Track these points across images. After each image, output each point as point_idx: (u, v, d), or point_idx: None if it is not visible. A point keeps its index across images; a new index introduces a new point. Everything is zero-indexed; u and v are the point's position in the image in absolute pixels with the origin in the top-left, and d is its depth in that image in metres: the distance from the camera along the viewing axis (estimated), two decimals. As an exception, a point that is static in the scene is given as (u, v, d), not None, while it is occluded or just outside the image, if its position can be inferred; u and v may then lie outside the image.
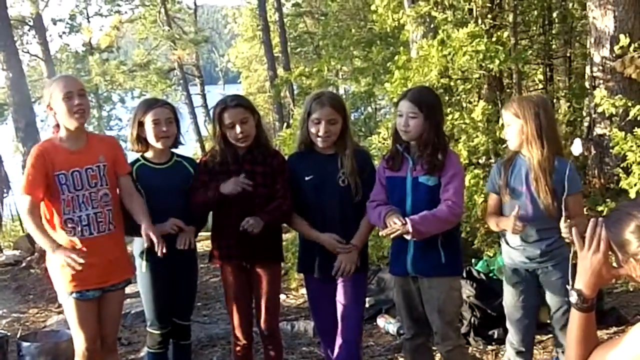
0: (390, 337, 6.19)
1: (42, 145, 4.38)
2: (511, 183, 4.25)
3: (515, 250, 4.29)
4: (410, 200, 4.23)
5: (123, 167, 4.47)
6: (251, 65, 29.32)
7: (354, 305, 4.53)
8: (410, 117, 4.22)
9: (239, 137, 4.47)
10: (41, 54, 18.56)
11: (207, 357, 6.06)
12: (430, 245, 4.20)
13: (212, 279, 8.68)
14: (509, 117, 4.23)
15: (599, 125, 8.39)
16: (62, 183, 4.21)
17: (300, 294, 7.85)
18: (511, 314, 4.41)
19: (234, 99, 4.65)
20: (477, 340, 5.80)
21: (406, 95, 4.35)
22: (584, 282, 2.60)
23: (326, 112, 4.36)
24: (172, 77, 29.40)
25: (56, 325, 6.94)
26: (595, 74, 8.46)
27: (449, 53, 7.65)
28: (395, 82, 7.84)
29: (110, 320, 4.46)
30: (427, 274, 4.28)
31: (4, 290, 9.07)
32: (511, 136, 4.24)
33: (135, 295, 4.79)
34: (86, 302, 4.30)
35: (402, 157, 4.31)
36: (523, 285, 4.32)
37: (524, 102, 4.28)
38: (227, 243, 4.60)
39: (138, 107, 4.80)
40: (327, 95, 4.49)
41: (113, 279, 4.39)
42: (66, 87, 4.20)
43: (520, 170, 4.24)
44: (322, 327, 4.75)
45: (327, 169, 4.44)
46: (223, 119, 4.49)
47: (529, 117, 4.14)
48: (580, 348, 2.64)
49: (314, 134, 4.40)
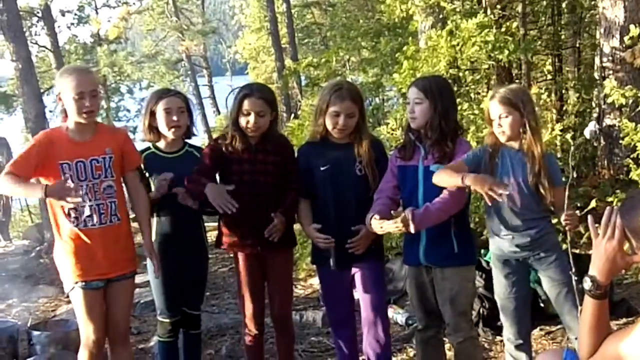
0: (399, 327, 6.19)
1: (49, 133, 4.39)
2: (498, 175, 4.13)
3: (504, 240, 4.22)
4: (422, 189, 4.20)
5: (131, 161, 4.43)
6: (258, 56, 29.23)
7: (379, 296, 4.53)
8: (416, 103, 4.20)
9: (250, 127, 4.46)
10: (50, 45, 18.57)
11: (216, 346, 6.07)
12: (443, 235, 4.17)
13: (220, 268, 8.70)
14: (502, 108, 4.11)
15: (608, 116, 8.37)
16: (65, 173, 4.18)
17: (309, 284, 7.87)
18: (505, 306, 4.34)
19: (260, 89, 4.59)
20: (486, 330, 5.80)
21: (414, 82, 4.33)
22: (598, 268, 2.60)
23: (346, 106, 4.33)
24: (179, 68, 29.41)
25: (66, 314, 6.96)
26: (604, 64, 8.43)
27: (458, 43, 7.64)
28: (403, 72, 7.84)
29: (117, 311, 4.43)
30: (439, 264, 4.25)
31: (14, 279, 9.09)
32: (507, 128, 4.11)
33: (144, 285, 4.80)
34: (91, 291, 4.29)
35: (414, 146, 4.28)
36: (515, 275, 4.27)
37: (518, 92, 4.20)
38: (240, 232, 4.58)
39: (150, 97, 4.82)
40: (347, 88, 4.43)
41: (117, 270, 4.36)
42: (79, 86, 4.13)
43: (506, 162, 4.15)
44: (336, 319, 4.72)
45: (343, 159, 4.41)
46: (242, 104, 4.47)
47: (528, 108, 4.10)
48: (593, 336, 2.64)
49: (331, 125, 4.37)
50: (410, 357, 5.52)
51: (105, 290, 4.36)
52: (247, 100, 4.46)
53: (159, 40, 29.29)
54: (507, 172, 4.15)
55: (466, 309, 4.39)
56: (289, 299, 4.87)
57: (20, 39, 11.25)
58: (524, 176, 4.11)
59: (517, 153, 4.15)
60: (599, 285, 2.61)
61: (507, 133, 4.13)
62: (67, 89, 4.16)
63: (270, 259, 4.63)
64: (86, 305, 4.30)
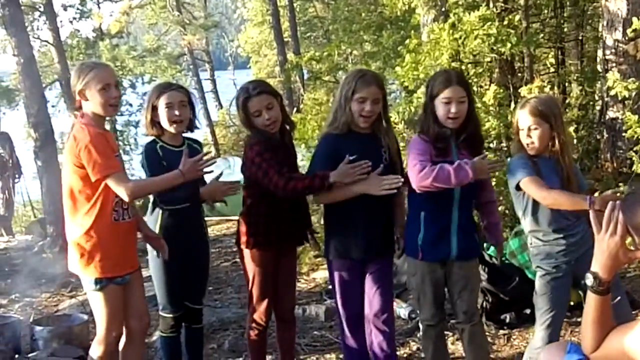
0: (402, 321, 6.19)
1: (95, 128, 4.16)
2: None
3: (558, 245, 4.17)
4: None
5: None
6: (261, 50, 29.22)
7: (388, 290, 4.53)
8: (459, 102, 4.17)
9: (268, 124, 4.42)
10: (52, 40, 18.48)
11: (218, 341, 6.08)
12: (470, 228, 4.27)
13: (223, 263, 8.71)
14: (532, 120, 4.11)
15: (611, 109, 8.35)
16: None
17: (312, 278, 7.88)
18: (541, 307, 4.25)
19: (255, 86, 4.53)
20: (489, 324, 5.80)
21: (451, 80, 4.22)
22: (600, 264, 2.60)
23: (373, 91, 4.25)
24: (182, 62, 29.36)
25: (68, 309, 6.99)
26: (607, 57, 8.40)
27: (460, 37, 7.60)
28: (406, 66, 7.80)
29: (141, 303, 4.44)
30: (468, 257, 4.33)
31: (16, 274, 9.11)
32: (537, 140, 4.11)
33: (146, 280, 4.78)
34: (118, 287, 4.26)
35: (447, 142, 4.25)
36: (559, 280, 4.21)
37: (548, 103, 4.19)
38: (257, 230, 4.56)
39: (152, 91, 4.79)
40: (371, 74, 4.40)
41: (134, 265, 4.37)
42: (104, 79, 4.12)
43: (543, 170, 4.15)
44: (351, 313, 4.55)
45: (370, 148, 4.33)
46: (248, 108, 4.44)
47: (558, 120, 4.12)
48: (596, 331, 2.64)
49: (357, 112, 4.26)
50: (413, 351, 5.53)
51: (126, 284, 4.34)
52: (250, 103, 4.43)
53: (161, 35, 29.20)
54: (550, 182, 4.12)
55: (478, 295, 4.61)
56: (294, 290, 4.89)
57: (22, 33, 11.23)
58: (556, 184, 4.09)
59: (549, 161, 4.17)
60: (601, 281, 2.61)
61: (536, 145, 4.14)
62: (92, 82, 4.09)
63: (281, 254, 4.65)
64: (113, 301, 4.25)
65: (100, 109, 4.14)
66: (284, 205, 4.45)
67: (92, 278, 4.21)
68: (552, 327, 4.23)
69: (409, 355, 5.49)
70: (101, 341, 4.32)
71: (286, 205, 4.45)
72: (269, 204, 4.46)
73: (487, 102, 7.38)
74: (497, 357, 5.32)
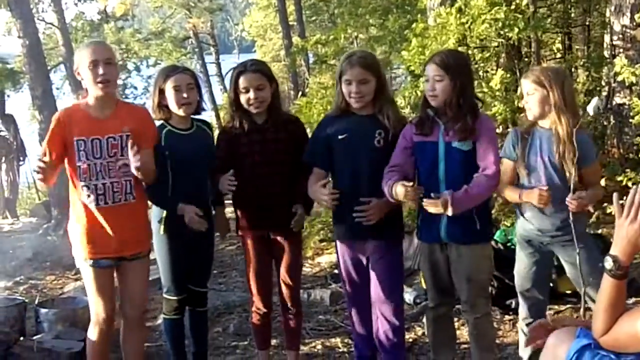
0: (407, 305, 6.18)
1: (66, 110, 4.36)
2: (527, 154, 4.20)
3: (530, 223, 4.25)
4: (442, 166, 4.13)
5: (147, 140, 4.32)
6: (266, 33, 29.15)
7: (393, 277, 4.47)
8: (436, 81, 4.13)
9: (251, 102, 4.42)
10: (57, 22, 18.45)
11: (223, 324, 6.09)
12: (466, 212, 4.09)
13: (228, 247, 8.70)
14: (530, 86, 4.16)
15: (618, 95, 8.30)
16: (80, 149, 4.17)
17: (317, 262, 7.88)
18: (521, 284, 4.38)
19: (253, 63, 4.58)
20: (495, 310, 5.78)
21: (432, 58, 4.24)
22: (620, 249, 2.58)
23: (356, 72, 4.24)
24: (187, 45, 29.30)
25: (73, 291, 6.99)
26: (615, 42, 8.34)
27: (467, 21, 7.56)
28: (412, 50, 7.76)
29: (132, 290, 4.43)
30: (461, 241, 4.21)
31: (21, 257, 9.12)
32: (532, 105, 4.17)
33: (151, 263, 4.78)
34: (100, 269, 4.29)
35: (432, 121, 4.21)
36: (536, 256, 4.30)
37: (548, 71, 4.22)
38: (248, 213, 4.59)
39: (158, 75, 4.78)
40: (358, 55, 4.36)
41: (130, 249, 4.34)
42: (92, 55, 4.13)
43: (536, 141, 4.20)
44: (353, 296, 4.60)
45: (362, 129, 4.32)
46: (239, 82, 4.45)
47: (555, 87, 4.08)
48: (609, 315, 2.63)
49: (347, 93, 4.29)
50: (418, 336, 5.52)
51: (119, 268, 4.36)
52: (243, 77, 4.44)
53: (166, 18, 29.13)
54: (535, 151, 4.19)
55: (484, 286, 4.40)
56: (297, 281, 4.86)
57: (27, 15, 11.23)
58: (550, 155, 4.11)
59: (547, 132, 4.17)
60: (620, 265, 2.59)
61: (533, 110, 4.18)
62: (83, 60, 4.16)
63: (279, 240, 4.63)
64: (96, 283, 4.30)
65: (91, 87, 4.18)
66: (272, 188, 4.46)
67: (77, 259, 4.35)
68: (535, 302, 4.35)
69: (414, 340, 5.48)
70: (94, 322, 4.40)
71: (251, 189, 4.45)
72: (255, 187, 4.48)
73: (494, 87, 7.34)
74: (503, 343, 5.31)
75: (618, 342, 2.63)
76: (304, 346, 5.35)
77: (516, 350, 4.92)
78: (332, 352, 5.40)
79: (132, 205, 4.30)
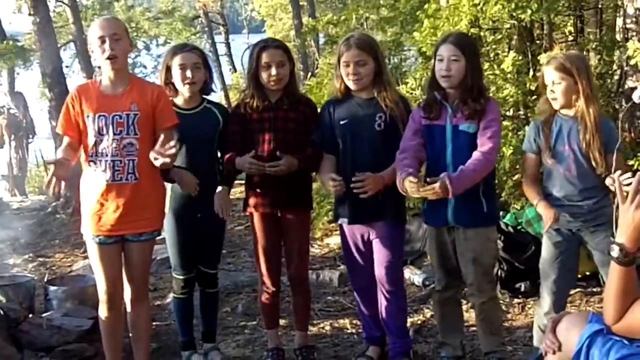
0: (416, 288, 6.19)
1: (80, 86, 4.38)
2: (552, 143, 4.15)
3: (559, 208, 4.16)
4: (450, 149, 4.15)
5: (164, 120, 4.26)
6: (276, 13, 29.01)
7: (394, 259, 4.47)
8: (452, 61, 4.10)
9: (273, 79, 4.42)
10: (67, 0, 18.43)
11: (232, 304, 6.09)
12: (473, 195, 4.12)
13: (237, 227, 8.71)
14: (556, 75, 4.07)
15: (630, 78, 8.22)
16: (89, 126, 4.18)
17: (326, 243, 7.88)
18: (546, 273, 4.28)
19: (275, 40, 4.67)
20: (504, 293, 5.78)
21: (446, 39, 4.22)
22: (625, 236, 2.56)
23: (352, 54, 4.28)
24: (196, 25, 29.23)
25: (82, 269, 7.00)
26: (627, 25, 8.27)
27: (480, 2, 7.50)
28: (424, 31, 7.71)
29: (133, 269, 4.40)
30: (468, 224, 4.21)
31: (30, 235, 9.15)
32: (559, 95, 4.08)
33: (160, 242, 4.78)
34: (105, 246, 4.27)
35: (440, 105, 4.21)
36: (564, 245, 4.20)
37: (573, 59, 4.14)
38: (257, 191, 4.58)
39: (167, 52, 4.80)
40: (355, 37, 4.39)
41: (131, 228, 4.28)
42: (100, 31, 4.13)
43: (562, 129, 4.14)
44: (356, 278, 4.70)
45: (363, 113, 4.37)
46: (261, 58, 4.43)
47: (582, 75, 4.04)
48: (619, 302, 2.61)
49: (345, 75, 4.33)
50: (427, 318, 5.52)
51: (123, 247, 4.35)
52: (266, 53, 4.43)
53: (176, -4, 29.09)
54: (562, 140, 4.14)
55: (489, 270, 4.40)
56: (305, 260, 4.85)
57: (38, -8, 11.19)
58: (578, 143, 4.07)
59: (572, 120, 4.12)
60: (627, 252, 2.57)
61: (560, 100, 4.11)
62: (92, 36, 4.18)
63: (287, 218, 4.61)
64: (98, 259, 4.30)
65: (101, 63, 4.22)
66: None
67: (84, 234, 4.37)
68: (557, 294, 4.24)
69: (423, 322, 5.48)
70: (100, 299, 4.41)
71: None
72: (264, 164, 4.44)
73: (506, 69, 7.29)
74: (512, 326, 5.30)
75: (632, 328, 2.61)
76: (312, 327, 5.35)
77: (525, 333, 4.93)
78: (341, 333, 5.41)
79: (134, 185, 4.21)
